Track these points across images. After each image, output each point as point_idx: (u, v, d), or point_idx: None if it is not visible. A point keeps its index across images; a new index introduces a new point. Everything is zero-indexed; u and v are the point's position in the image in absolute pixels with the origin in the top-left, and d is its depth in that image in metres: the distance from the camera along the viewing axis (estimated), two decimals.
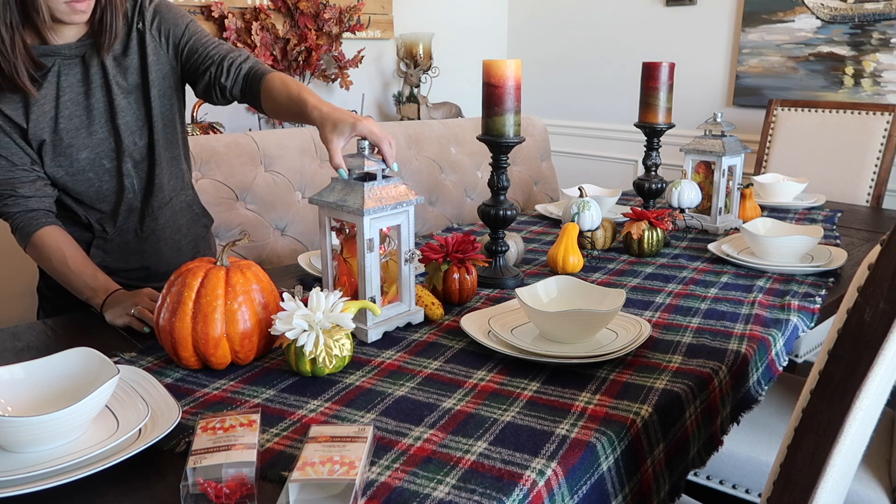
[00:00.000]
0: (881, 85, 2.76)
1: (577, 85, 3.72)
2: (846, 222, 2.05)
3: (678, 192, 1.81)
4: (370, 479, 0.78)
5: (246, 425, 0.82)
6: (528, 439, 0.87)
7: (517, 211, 1.47)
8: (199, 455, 0.76)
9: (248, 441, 0.79)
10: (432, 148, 2.45)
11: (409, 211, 1.18)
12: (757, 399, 1.18)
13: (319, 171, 2.11)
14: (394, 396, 0.98)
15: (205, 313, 1.02)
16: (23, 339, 1.20)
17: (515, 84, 1.34)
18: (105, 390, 0.83)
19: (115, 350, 1.13)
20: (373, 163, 1.15)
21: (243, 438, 0.79)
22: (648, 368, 1.07)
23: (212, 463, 0.75)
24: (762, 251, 1.57)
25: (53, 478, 0.75)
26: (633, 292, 1.41)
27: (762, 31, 3.03)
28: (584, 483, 0.85)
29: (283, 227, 2.02)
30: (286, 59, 2.80)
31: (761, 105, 3.02)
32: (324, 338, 1.01)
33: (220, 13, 2.65)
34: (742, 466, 1.43)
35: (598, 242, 1.70)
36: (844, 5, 2.80)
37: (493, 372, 1.05)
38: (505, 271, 1.46)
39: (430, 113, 3.22)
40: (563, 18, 3.71)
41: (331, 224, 1.18)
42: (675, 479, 1.01)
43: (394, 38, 3.34)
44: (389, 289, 1.22)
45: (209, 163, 1.89)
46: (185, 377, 1.04)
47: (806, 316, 1.31)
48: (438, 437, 0.87)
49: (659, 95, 1.81)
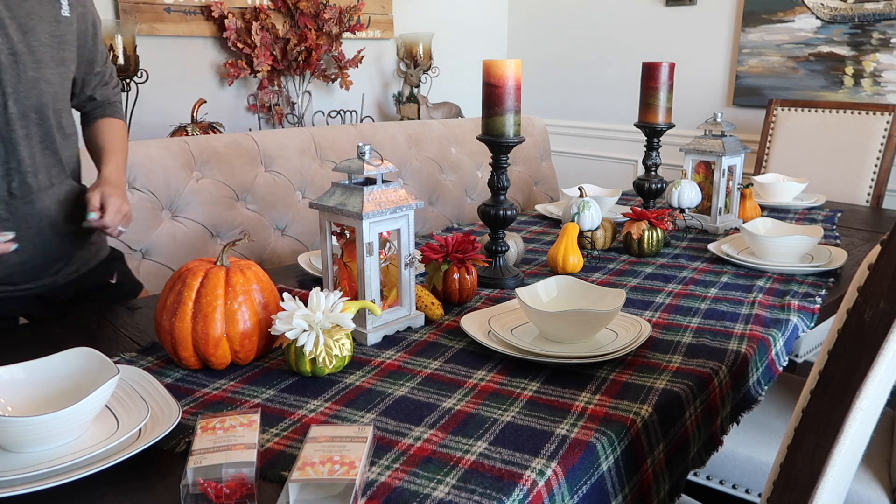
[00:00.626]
0: (881, 85, 2.76)
1: (577, 85, 3.72)
2: (846, 222, 2.05)
3: (678, 192, 1.81)
4: (370, 479, 0.78)
5: (246, 425, 0.82)
6: (528, 439, 0.87)
7: (517, 211, 1.47)
8: (200, 455, 0.76)
9: (248, 441, 0.79)
10: (432, 148, 2.45)
11: (409, 215, 1.18)
12: (757, 399, 1.18)
13: (320, 171, 2.12)
14: (394, 396, 0.98)
15: (205, 313, 1.02)
16: (23, 339, 1.20)
17: (515, 84, 1.34)
18: (105, 390, 0.83)
19: (115, 350, 1.13)
20: (372, 167, 1.15)
21: (243, 438, 0.79)
22: (648, 368, 1.07)
23: (212, 463, 0.75)
24: (762, 251, 1.57)
25: (53, 478, 0.75)
26: (633, 292, 1.41)
27: (762, 31, 3.03)
28: (584, 483, 0.85)
29: (284, 227, 2.02)
30: (286, 59, 2.80)
31: (761, 105, 3.02)
32: (324, 338, 1.02)
33: (220, 13, 2.65)
34: (742, 466, 1.43)
35: (598, 242, 1.70)
36: (844, 5, 2.80)
37: (493, 372, 1.05)
38: (505, 271, 1.46)
39: (430, 113, 3.22)
40: (563, 18, 3.71)
41: (331, 228, 1.18)
42: (675, 479, 1.01)
43: (394, 38, 3.34)
44: (389, 293, 1.22)
45: (210, 163, 1.89)
46: (185, 377, 1.04)
47: (806, 316, 1.31)
48: (438, 437, 0.87)
49: (659, 95, 1.81)
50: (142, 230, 1.72)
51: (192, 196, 1.82)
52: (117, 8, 2.47)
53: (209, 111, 2.74)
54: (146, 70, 2.50)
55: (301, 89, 2.94)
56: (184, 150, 1.85)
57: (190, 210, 1.82)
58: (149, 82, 2.55)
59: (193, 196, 1.82)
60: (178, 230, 1.79)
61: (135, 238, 1.71)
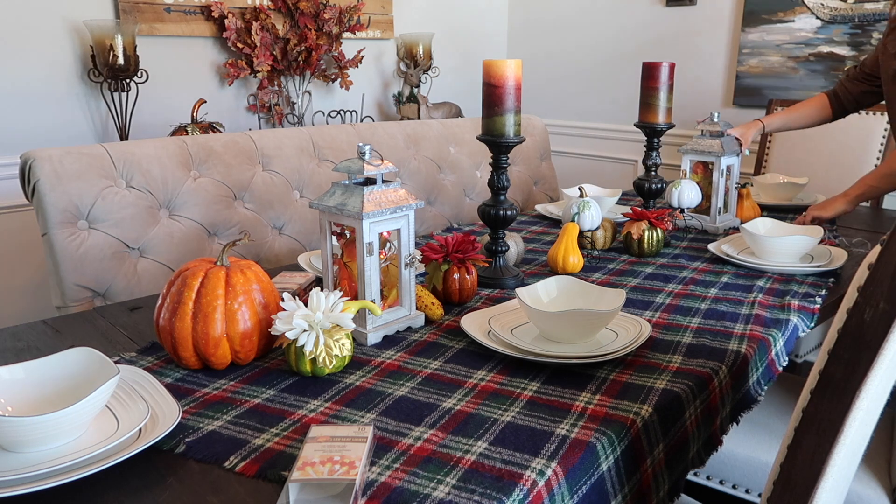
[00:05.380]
0: None
1: (577, 85, 3.71)
2: (846, 222, 2.05)
3: (678, 192, 1.81)
4: (370, 479, 0.78)
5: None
6: (528, 439, 0.87)
7: (517, 211, 1.47)
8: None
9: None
10: (431, 148, 2.45)
11: (409, 215, 1.18)
12: (757, 399, 1.18)
13: (318, 170, 2.11)
14: (394, 396, 0.98)
15: (205, 313, 1.02)
16: (23, 339, 1.20)
17: (515, 84, 1.34)
18: (105, 390, 0.83)
19: (115, 350, 1.13)
20: (372, 167, 1.15)
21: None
22: (648, 368, 1.07)
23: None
24: (762, 251, 1.57)
25: (53, 478, 0.75)
26: (633, 292, 1.41)
27: (762, 31, 3.03)
28: (584, 483, 0.85)
29: (282, 226, 2.02)
30: (286, 59, 2.80)
31: (761, 105, 3.02)
32: (324, 338, 1.02)
33: (220, 13, 2.65)
34: (742, 466, 1.43)
35: (598, 242, 1.70)
36: (844, 5, 2.80)
37: (493, 372, 1.05)
38: (505, 271, 1.46)
39: (429, 113, 3.22)
40: (563, 18, 3.71)
41: (332, 228, 1.18)
42: (674, 478, 1.01)
43: (394, 38, 3.34)
44: (389, 293, 1.22)
45: (207, 162, 1.89)
46: (185, 377, 1.04)
47: (806, 316, 1.31)
48: (438, 437, 0.87)
49: (659, 95, 1.81)
50: (139, 229, 1.72)
51: (190, 195, 1.82)
52: (117, 8, 2.47)
53: (209, 111, 2.74)
54: (146, 70, 2.50)
55: (301, 89, 2.94)
56: (182, 149, 1.85)
57: (187, 209, 1.81)
58: (149, 82, 2.55)
59: (191, 195, 1.82)
60: (176, 229, 1.79)
61: (132, 236, 1.71)
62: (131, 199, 1.71)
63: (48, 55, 2.35)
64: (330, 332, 1.03)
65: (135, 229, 1.71)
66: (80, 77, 2.43)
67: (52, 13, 2.34)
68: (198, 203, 1.83)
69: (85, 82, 2.44)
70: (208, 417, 0.92)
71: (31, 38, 2.31)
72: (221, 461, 0.82)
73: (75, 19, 2.39)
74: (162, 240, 1.76)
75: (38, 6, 2.31)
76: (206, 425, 0.90)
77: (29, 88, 2.33)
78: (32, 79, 2.33)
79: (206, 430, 0.89)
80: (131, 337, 1.20)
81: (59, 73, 2.39)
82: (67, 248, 1.60)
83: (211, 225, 1.85)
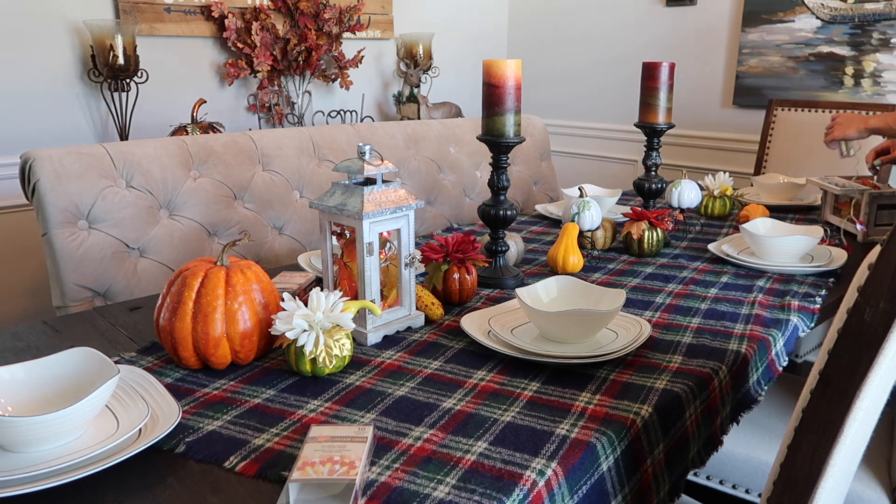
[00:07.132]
0: (881, 85, 2.76)
1: (577, 85, 3.72)
2: None
3: (678, 192, 1.81)
4: (370, 479, 0.78)
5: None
6: (528, 439, 0.87)
7: (517, 211, 1.47)
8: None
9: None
10: (431, 148, 2.45)
11: (409, 215, 1.18)
12: (757, 399, 1.18)
13: (317, 170, 2.11)
14: (394, 396, 0.98)
15: (205, 313, 1.02)
16: (23, 339, 1.20)
17: (515, 84, 1.34)
18: (105, 390, 0.83)
19: (115, 350, 1.13)
20: (372, 167, 1.15)
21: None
22: (648, 368, 1.07)
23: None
24: (762, 251, 1.57)
25: (53, 478, 0.75)
26: (633, 292, 1.41)
27: (762, 31, 3.03)
28: (584, 483, 0.85)
29: (281, 226, 2.02)
30: (286, 59, 2.80)
31: (761, 105, 3.02)
32: (324, 338, 1.02)
33: (220, 13, 2.65)
34: (742, 466, 1.43)
35: (598, 242, 1.70)
36: (844, 5, 2.80)
37: (493, 372, 1.05)
38: (505, 271, 1.46)
39: (429, 113, 3.22)
40: (563, 18, 3.71)
41: (332, 228, 1.18)
42: (674, 478, 1.01)
43: (394, 38, 3.34)
44: (389, 293, 1.22)
45: (207, 162, 1.89)
46: (185, 377, 1.04)
47: (806, 316, 1.31)
48: (438, 437, 0.87)
49: (659, 95, 1.81)
50: (139, 228, 1.72)
51: (190, 195, 1.82)
52: (117, 8, 2.47)
53: (209, 111, 2.74)
54: (146, 70, 2.50)
55: (301, 89, 2.94)
56: (181, 148, 1.85)
57: (187, 209, 1.82)
58: (149, 82, 2.55)
59: (191, 195, 1.82)
60: (176, 229, 1.79)
61: (132, 236, 1.71)
62: (131, 199, 1.71)
63: (48, 55, 2.35)
64: (330, 332, 1.03)
65: (135, 229, 1.71)
66: (80, 77, 2.43)
67: (52, 13, 2.34)
68: (198, 203, 1.83)
69: (85, 82, 2.44)
70: (208, 417, 0.92)
71: (31, 38, 2.31)
72: (221, 461, 0.82)
73: (75, 19, 2.39)
74: (162, 240, 1.76)
75: (38, 6, 2.31)
76: (206, 425, 0.90)
77: (29, 88, 2.33)
78: (32, 79, 2.33)
79: (206, 430, 0.89)
80: (131, 337, 1.20)
81: (60, 72, 2.39)
82: (67, 248, 1.60)
83: (211, 225, 1.85)
